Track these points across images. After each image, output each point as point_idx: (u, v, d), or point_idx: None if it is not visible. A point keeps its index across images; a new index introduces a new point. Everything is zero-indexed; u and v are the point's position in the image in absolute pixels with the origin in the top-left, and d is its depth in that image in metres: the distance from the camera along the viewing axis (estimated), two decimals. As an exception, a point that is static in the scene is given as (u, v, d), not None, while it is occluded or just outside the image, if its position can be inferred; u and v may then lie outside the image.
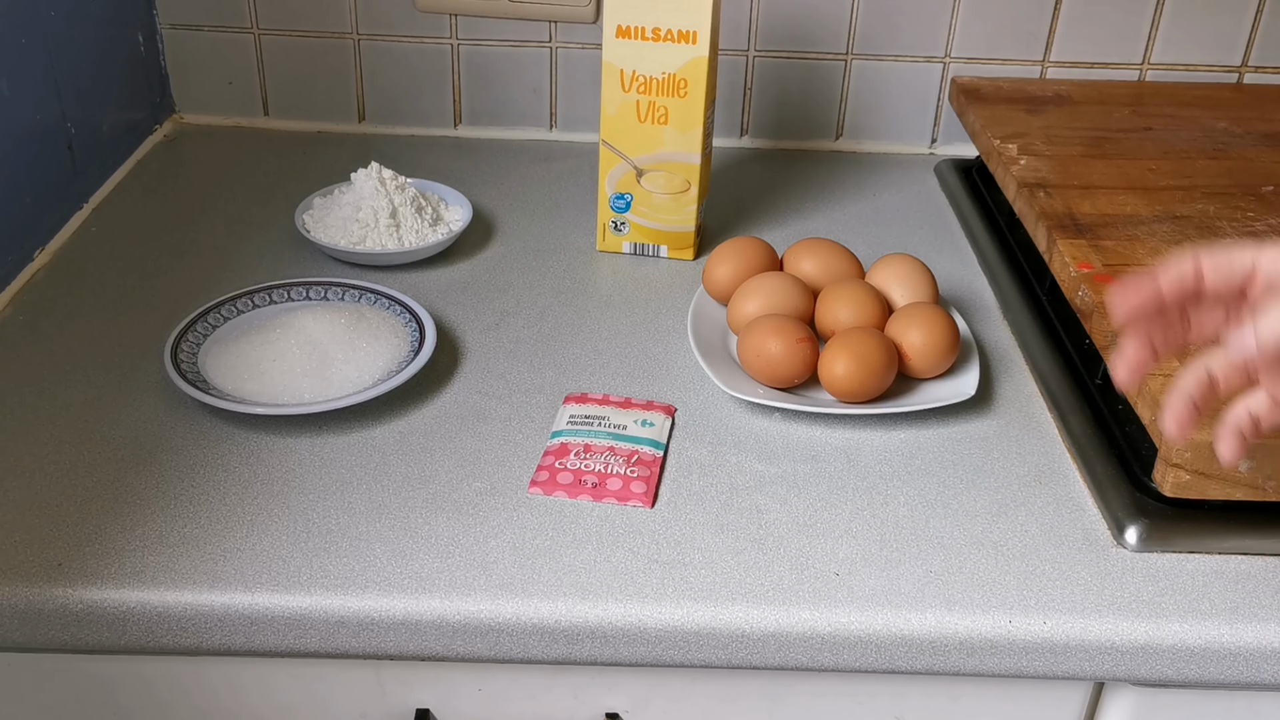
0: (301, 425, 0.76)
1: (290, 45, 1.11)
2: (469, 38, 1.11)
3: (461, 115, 1.15)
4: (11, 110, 0.87)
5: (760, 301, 0.82)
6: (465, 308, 0.89)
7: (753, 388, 0.79)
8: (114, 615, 0.63)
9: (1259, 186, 0.93)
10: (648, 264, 0.96)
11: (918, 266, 0.85)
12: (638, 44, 0.89)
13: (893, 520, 0.71)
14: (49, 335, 0.83)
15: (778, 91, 1.14)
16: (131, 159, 1.08)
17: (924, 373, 0.80)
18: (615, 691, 0.70)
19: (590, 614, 0.64)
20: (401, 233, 0.93)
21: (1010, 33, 1.11)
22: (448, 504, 0.70)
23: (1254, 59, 1.12)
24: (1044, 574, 0.67)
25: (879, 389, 0.78)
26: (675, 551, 0.68)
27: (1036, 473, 0.75)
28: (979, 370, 0.81)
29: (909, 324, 0.80)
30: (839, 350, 0.77)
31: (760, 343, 0.78)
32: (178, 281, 0.90)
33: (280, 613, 0.64)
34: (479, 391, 0.80)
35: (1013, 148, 0.97)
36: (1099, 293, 0.78)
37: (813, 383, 0.80)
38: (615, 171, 0.94)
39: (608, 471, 0.72)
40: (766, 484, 0.73)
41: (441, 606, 0.64)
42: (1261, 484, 0.67)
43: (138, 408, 0.77)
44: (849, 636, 0.64)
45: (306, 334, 0.79)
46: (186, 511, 0.69)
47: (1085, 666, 0.65)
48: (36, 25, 0.90)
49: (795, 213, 1.05)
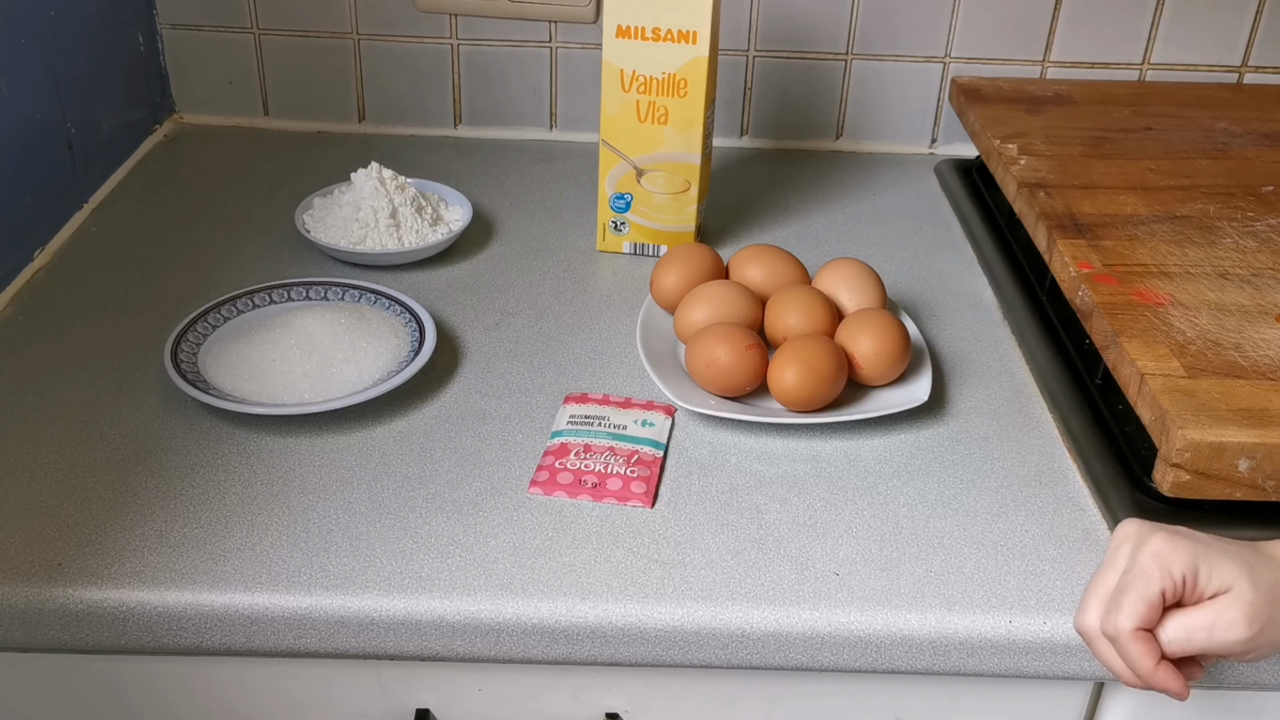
0: (301, 425, 0.76)
1: (290, 45, 1.11)
2: (469, 38, 1.11)
3: (461, 115, 1.15)
4: (11, 110, 0.87)
5: (708, 309, 0.81)
6: (465, 308, 0.89)
7: (704, 398, 0.78)
8: (114, 615, 0.63)
9: (1259, 186, 0.93)
10: (648, 264, 0.96)
11: (865, 271, 0.85)
12: (638, 44, 0.89)
13: (893, 520, 0.71)
14: (49, 335, 0.83)
15: (778, 91, 1.14)
16: (131, 159, 1.08)
17: (875, 380, 0.79)
18: (615, 691, 0.70)
19: (590, 614, 0.64)
20: (401, 233, 0.93)
21: (1010, 33, 1.11)
22: (448, 504, 0.70)
23: (1254, 59, 1.12)
24: (1044, 574, 0.67)
25: (829, 397, 0.77)
26: (675, 551, 0.68)
27: (1036, 473, 0.75)
28: (931, 375, 0.80)
29: (859, 331, 0.79)
30: (788, 359, 0.76)
31: (709, 351, 0.77)
32: (178, 281, 0.90)
33: (280, 613, 0.64)
34: (479, 391, 0.80)
35: (1013, 148, 0.97)
36: (1099, 293, 0.78)
37: (764, 391, 0.79)
38: (615, 171, 0.94)
39: (608, 471, 0.72)
40: (766, 484, 0.73)
41: (441, 606, 0.64)
42: (1261, 484, 0.67)
43: (138, 408, 0.77)
44: (849, 636, 0.64)
45: (306, 334, 0.79)
46: (186, 511, 0.69)
47: (1085, 666, 0.65)
48: (36, 25, 0.90)
49: (795, 213, 1.05)
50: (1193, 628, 0.57)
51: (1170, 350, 0.72)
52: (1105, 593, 0.59)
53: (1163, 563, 0.57)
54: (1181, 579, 0.57)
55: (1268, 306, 0.77)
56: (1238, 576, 0.56)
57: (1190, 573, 0.57)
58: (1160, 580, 0.57)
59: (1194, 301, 0.77)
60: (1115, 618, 0.57)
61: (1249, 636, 0.56)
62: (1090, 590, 0.60)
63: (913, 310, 0.91)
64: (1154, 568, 0.57)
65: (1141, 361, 0.71)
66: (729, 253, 0.95)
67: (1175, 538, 0.57)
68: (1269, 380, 0.70)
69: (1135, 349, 0.72)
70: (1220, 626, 0.56)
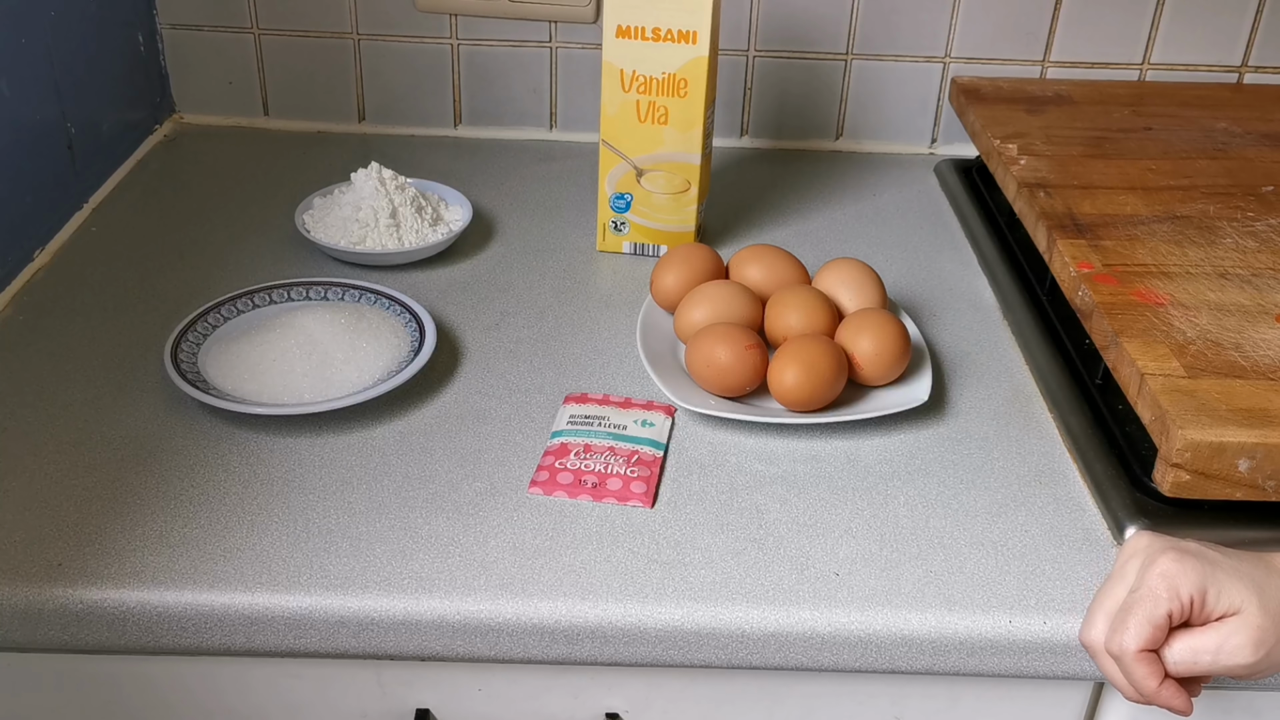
0: (301, 425, 0.76)
1: (290, 45, 1.11)
2: (469, 38, 1.11)
3: (461, 115, 1.15)
4: (11, 110, 0.87)
5: (708, 309, 0.81)
6: (465, 308, 0.89)
7: (704, 398, 0.78)
8: (114, 615, 0.63)
9: (1259, 186, 0.93)
10: (648, 264, 0.96)
11: (865, 271, 0.85)
12: (638, 44, 0.89)
13: (893, 520, 0.71)
14: (49, 335, 0.83)
15: (778, 91, 1.14)
16: (131, 159, 1.08)
17: (875, 380, 0.79)
18: (615, 691, 0.70)
19: (590, 614, 0.64)
20: (401, 233, 0.93)
21: (1010, 33, 1.11)
22: (448, 504, 0.70)
23: (1254, 59, 1.12)
24: (1044, 574, 0.67)
25: (829, 398, 0.77)
26: (675, 551, 0.68)
27: (1036, 473, 0.75)
28: (931, 375, 0.80)
29: (859, 331, 0.79)
30: (788, 359, 0.76)
31: (709, 351, 0.77)
32: (178, 281, 0.90)
33: (280, 613, 0.64)
34: (479, 391, 0.80)
35: (1013, 148, 0.97)
36: (1099, 293, 0.78)
37: (764, 391, 0.79)
38: (615, 171, 0.94)
39: (608, 471, 0.72)
40: (766, 484, 0.73)
41: (441, 606, 0.64)
42: (1261, 484, 0.67)
43: (138, 408, 0.77)
44: (849, 636, 0.64)
45: (306, 334, 0.79)
46: (186, 511, 0.69)
47: (1085, 666, 0.65)
48: (36, 25, 0.90)
49: (795, 213, 1.05)
50: (1199, 650, 0.56)
51: (1170, 350, 0.72)
52: (1111, 608, 0.58)
53: (1171, 584, 0.57)
54: (1189, 601, 0.56)
55: (1268, 306, 0.77)
56: (1247, 599, 0.56)
57: (1199, 594, 0.56)
58: (1168, 602, 0.56)
59: (1194, 301, 0.77)
60: (1120, 638, 0.57)
61: (1255, 660, 0.56)
62: (1096, 604, 0.59)
63: (913, 310, 0.91)
64: (1162, 589, 0.57)
65: (1141, 361, 0.71)
66: (729, 253, 0.95)
67: (1185, 558, 0.57)
68: (1269, 380, 0.70)
69: (1135, 349, 0.72)
70: (1227, 650, 0.56)
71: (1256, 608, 0.56)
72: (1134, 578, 0.58)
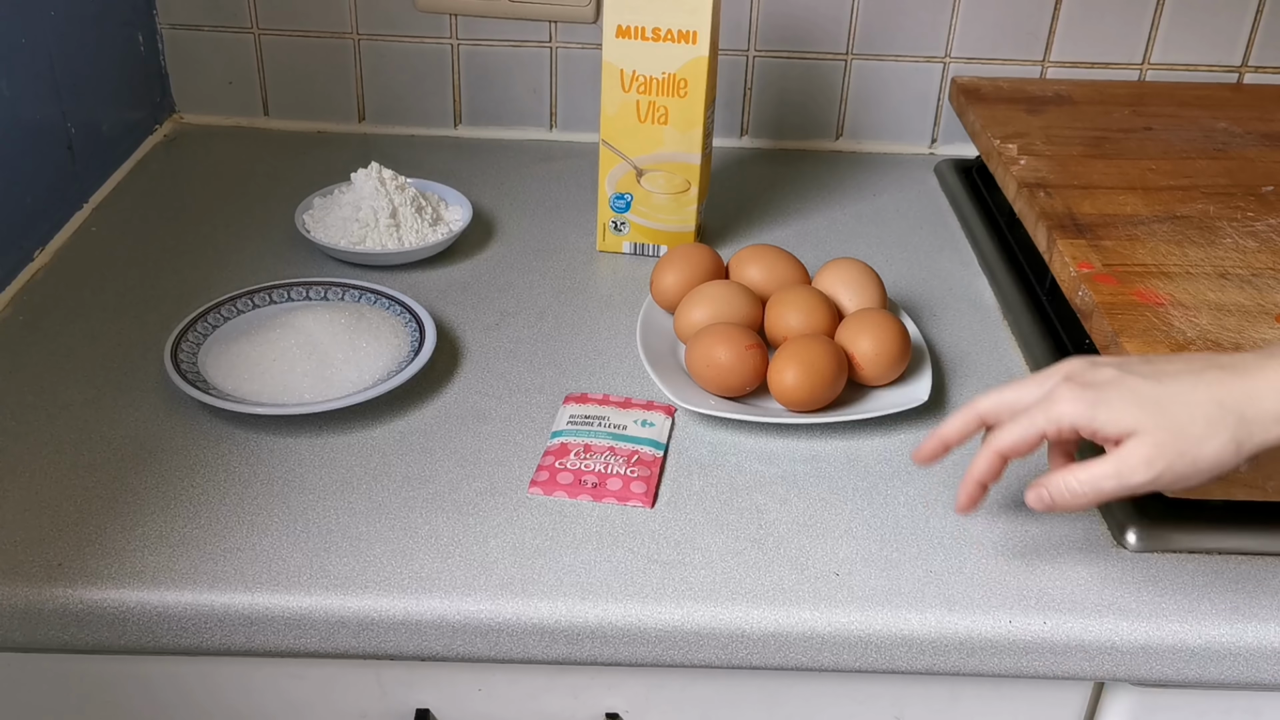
0: (301, 425, 0.76)
1: (290, 45, 1.11)
2: (469, 38, 1.11)
3: (461, 115, 1.15)
4: (11, 110, 0.87)
5: (708, 309, 0.81)
6: (465, 308, 0.89)
7: (704, 398, 0.78)
8: (114, 615, 0.63)
9: (1259, 186, 0.93)
10: (648, 264, 0.96)
11: (865, 271, 0.85)
12: (638, 44, 0.89)
13: (893, 520, 0.71)
14: (49, 335, 0.83)
15: (778, 91, 1.14)
16: (131, 159, 1.08)
17: (875, 381, 0.79)
18: (615, 691, 0.70)
19: (590, 614, 0.64)
20: (401, 233, 0.93)
21: (1010, 33, 1.11)
22: (448, 504, 0.70)
23: (1254, 59, 1.12)
24: (1044, 574, 0.67)
25: (829, 398, 0.77)
26: (675, 551, 0.68)
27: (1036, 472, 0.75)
28: (931, 375, 0.80)
29: (859, 331, 0.79)
30: (788, 359, 0.76)
31: (708, 351, 0.77)
32: (178, 281, 0.90)
33: (280, 613, 0.64)
34: (479, 391, 0.80)
35: (1013, 148, 0.97)
36: (1099, 293, 0.78)
37: (764, 391, 0.79)
38: (615, 171, 0.94)
39: (608, 471, 0.72)
40: (766, 484, 0.73)
41: (441, 606, 0.64)
42: (1261, 484, 0.67)
43: (138, 408, 0.77)
44: (849, 636, 0.64)
45: (306, 334, 0.79)
46: (186, 511, 0.69)
47: (1085, 666, 0.65)
48: (36, 25, 0.90)
49: (795, 213, 1.05)
50: (1100, 476, 0.60)
51: (1170, 350, 0.72)
52: (1011, 402, 0.64)
53: (1053, 414, 0.61)
54: (1069, 428, 0.61)
55: (1268, 306, 0.77)
56: (1140, 420, 0.59)
57: (1085, 423, 0.60)
58: (1044, 426, 0.61)
59: (1194, 301, 0.77)
60: (995, 434, 0.63)
61: (1154, 476, 0.59)
62: (1004, 389, 0.64)
63: (913, 310, 0.91)
64: (1041, 416, 0.61)
65: (1141, 361, 0.71)
66: (729, 253, 0.95)
67: (1080, 391, 0.60)
68: (1269, 380, 0.70)
69: (1135, 349, 0.72)
70: (1124, 472, 0.59)
71: (1152, 426, 0.58)
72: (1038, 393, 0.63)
